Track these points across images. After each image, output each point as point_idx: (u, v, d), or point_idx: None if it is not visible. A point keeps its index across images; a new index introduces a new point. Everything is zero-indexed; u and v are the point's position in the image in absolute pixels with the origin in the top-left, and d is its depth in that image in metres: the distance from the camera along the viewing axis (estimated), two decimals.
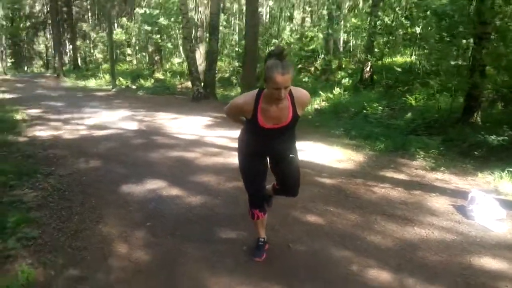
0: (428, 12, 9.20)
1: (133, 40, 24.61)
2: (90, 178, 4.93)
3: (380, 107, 9.46)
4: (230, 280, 2.85)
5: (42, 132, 7.49)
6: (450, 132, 6.76)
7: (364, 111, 9.21)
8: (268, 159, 3.01)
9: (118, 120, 8.99)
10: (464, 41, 7.43)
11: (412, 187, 4.68)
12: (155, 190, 4.52)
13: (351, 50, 18.59)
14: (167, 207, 4.09)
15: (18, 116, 8.93)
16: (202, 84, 12.36)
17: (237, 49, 18.79)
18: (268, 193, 3.29)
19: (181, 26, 13.88)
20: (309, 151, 6.15)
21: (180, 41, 19.30)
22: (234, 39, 22.70)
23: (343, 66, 17.25)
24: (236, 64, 17.21)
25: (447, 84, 8.93)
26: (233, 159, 5.82)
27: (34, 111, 10.06)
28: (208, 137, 7.20)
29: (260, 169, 2.97)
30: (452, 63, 9.01)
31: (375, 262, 3.08)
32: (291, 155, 2.96)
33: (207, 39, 14.29)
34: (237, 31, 23.01)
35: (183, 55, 18.24)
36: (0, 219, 3.62)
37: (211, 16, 12.61)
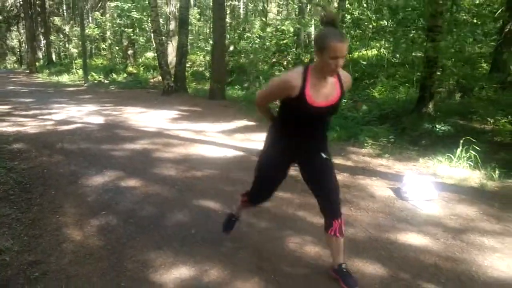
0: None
1: (107, 34, 24.50)
2: (52, 171, 5.09)
3: (343, 100, 9.78)
4: (175, 260, 3.08)
5: (8, 128, 7.56)
6: (403, 122, 7.12)
7: None
8: (299, 166, 2.76)
9: (85, 114, 9.11)
10: (412, 33, 7.78)
11: (357, 172, 5.00)
12: (114, 181, 4.72)
13: None
14: (124, 196, 4.28)
15: None
16: (173, 78, 12.50)
17: (211, 42, 18.93)
18: (236, 214, 3.19)
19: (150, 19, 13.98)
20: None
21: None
22: (208, 32, 22.80)
23: (315, 59, 17.61)
24: (208, 58, 17.35)
25: (409, 76, 9.34)
26: (194, 150, 6.07)
27: (2, 108, 10.09)
28: (173, 130, 7.40)
29: (281, 174, 2.77)
30: (414, 55, 9.39)
31: (310, 239, 3.36)
32: (324, 156, 2.63)
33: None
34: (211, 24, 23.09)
35: None
36: None
37: (180, 9, 12.73)
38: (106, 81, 17.70)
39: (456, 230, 3.59)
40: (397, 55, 12.02)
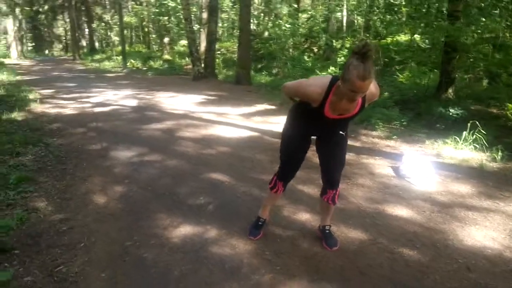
0: None
1: (144, 22, 25.36)
2: (85, 147, 5.66)
3: None
4: (183, 220, 3.52)
5: (50, 109, 8.28)
6: (421, 107, 7.25)
7: None
8: (316, 137, 2.94)
9: (121, 98, 9.75)
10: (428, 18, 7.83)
11: (362, 152, 5.28)
12: (138, 156, 5.22)
13: (356, 29, 18.87)
14: (145, 168, 4.78)
15: (31, 96, 9.74)
16: (203, 64, 12.99)
17: None
18: (261, 215, 3.27)
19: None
20: (282, 123, 6.76)
21: None
22: None
23: (346, 45, 17.65)
24: None
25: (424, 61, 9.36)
26: (213, 131, 6.52)
27: (46, 91, 10.90)
28: (197, 113, 7.89)
29: (304, 147, 2.93)
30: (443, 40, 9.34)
31: (303, 207, 3.72)
32: (341, 133, 2.81)
33: None
34: None
35: None
36: (5, 177, 4.37)
37: None
38: (144, 68, 18.45)
39: (443, 205, 3.84)
40: (426, 41, 11.94)
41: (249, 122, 7.12)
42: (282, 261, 2.89)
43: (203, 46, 15.31)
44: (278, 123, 6.77)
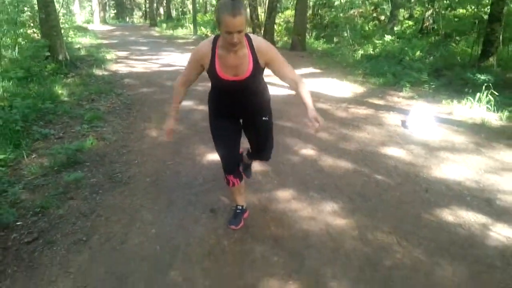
0: None
1: None
2: (148, 97, 6.81)
3: (421, 53, 10.10)
4: (213, 150, 4.46)
5: (123, 68, 9.60)
6: (453, 73, 7.56)
7: (406, 57, 9.90)
8: (242, 121, 2.82)
9: (185, 60, 10.84)
10: None
11: (381, 108, 5.90)
12: (191, 105, 6.25)
13: None
14: (193, 114, 5.79)
15: (108, 56, 11.19)
16: (262, 31, 13.76)
17: None
18: (245, 161, 3.28)
19: None
20: (321, 84, 7.46)
21: None
22: None
23: (415, 15, 17.50)
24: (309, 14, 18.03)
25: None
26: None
27: (121, 53, 12.35)
28: None
29: (230, 130, 2.74)
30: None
31: (316, 147, 4.51)
32: (264, 118, 2.73)
33: None
34: None
35: None
36: (82, 116, 5.59)
37: None
38: (212, 35, 19.53)
39: (432, 148, 4.46)
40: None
41: None
42: (280, 177, 3.77)
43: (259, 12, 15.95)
44: (315, 84, 7.48)
